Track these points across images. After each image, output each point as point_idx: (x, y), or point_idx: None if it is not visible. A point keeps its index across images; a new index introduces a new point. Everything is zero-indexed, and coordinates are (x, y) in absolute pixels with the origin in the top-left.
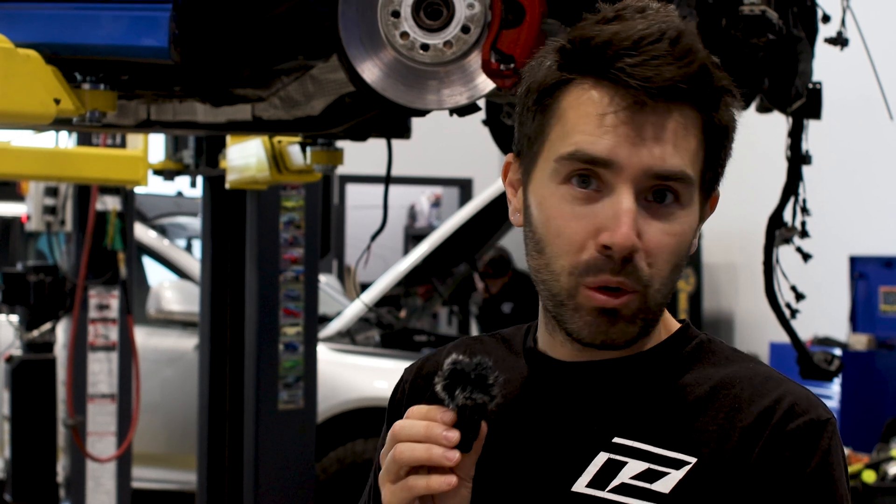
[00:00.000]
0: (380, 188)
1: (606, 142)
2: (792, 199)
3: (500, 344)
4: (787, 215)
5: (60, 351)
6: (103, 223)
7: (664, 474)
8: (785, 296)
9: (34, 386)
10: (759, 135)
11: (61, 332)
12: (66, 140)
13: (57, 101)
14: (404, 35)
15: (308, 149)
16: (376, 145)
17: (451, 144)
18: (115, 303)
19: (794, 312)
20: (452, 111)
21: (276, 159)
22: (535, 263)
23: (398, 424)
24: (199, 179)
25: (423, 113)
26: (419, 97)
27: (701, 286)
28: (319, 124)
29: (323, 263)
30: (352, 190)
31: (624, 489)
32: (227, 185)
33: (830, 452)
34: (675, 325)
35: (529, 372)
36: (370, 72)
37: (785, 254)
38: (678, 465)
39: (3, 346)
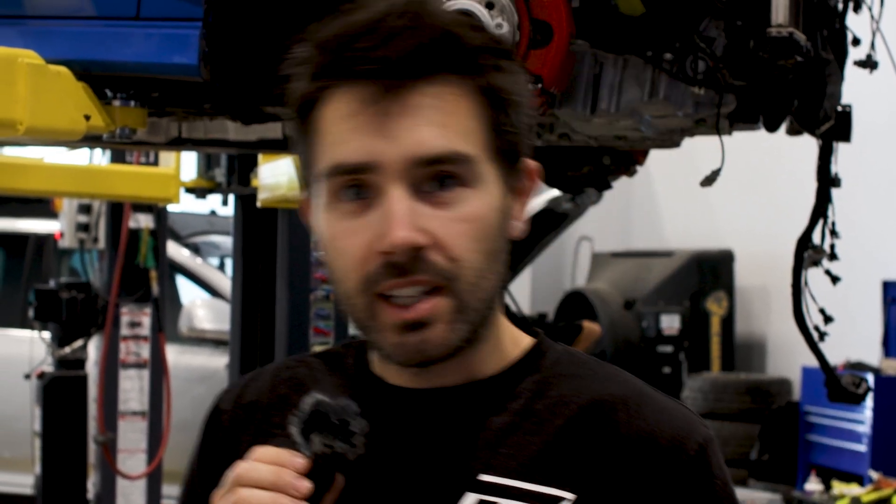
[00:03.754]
0: None
1: (357, 144)
2: (821, 222)
3: (326, 366)
4: (817, 238)
5: (92, 368)
6: (136, 241)
7: None
8: (814, 318)
9: (65, 402)
10: (788, 157)
11: (93, 349)
12: (99, 157)
13: (87, 118)
14: None
15: None
16: None
17: None
18: (146, 320)
19: (822, 335)
20: None
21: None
22: (336, 293)
23: (243, 467)
24: (231, 198)
25: None
26: None
27: (733, 310)
28: None
29: None
30: None
31: None
32: (259, 204)
33: (722, 473)
34: (527, 339)
35: (368, 401)
36: None
37: (818, 278)
38: (555, 501)
39: (35, 363)
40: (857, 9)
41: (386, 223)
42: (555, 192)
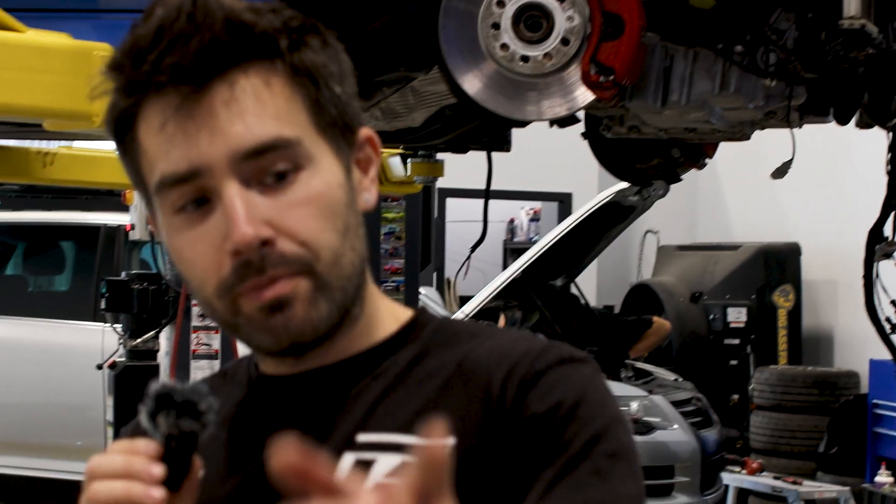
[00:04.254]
0: (478, 203)
1: (178, 154)
2: (892, 215)
3: (223, 379)
4: (888, 230)
5: (163, 359)
6: None
7: None
8: (885, 311)
9: (137, 392)
10: (856, 150)
11: (164, 340)
12: None
13: None
14: (504, 47)
15: (409, 160)
16: (476, 160)
17: (551, 159)
18: None
19: (894, 327)
20: (552, 122)
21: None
22: (198, 304)
23: (95, 460)
24: None
25: (523, 124)
26: (519, 108)
27: (800, 303)
28: (420, 136)
29: (423, 275)
30: (451, 204)
31: None
32: None
33: (586, 389)
34: (407, 315)
35: (247, 393)
36: (471, 83)
37: (888, 270)
38: None
39: (108, 354)
40: None
41: (227, 223)
42: (622, 186)
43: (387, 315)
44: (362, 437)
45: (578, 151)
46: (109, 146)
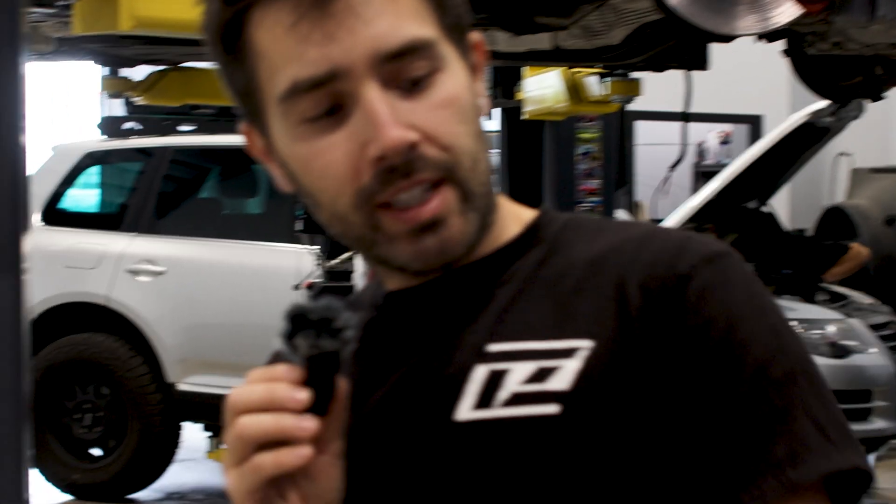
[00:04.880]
0: (667, 125)
1: (313, 55)
2: None
3: (353, 305)
4: None
5: (359, 280)
6: None
7: (557, 369)
8: None
9: None
10: None
11: (359, 261)
12: None
13: None
14: None
15: (606, 79)
16: (665, 81)
17: (741, 80)
18: None
19: None
20: (759, 37)
21: (574, 90)
22: (325, 220)
23: (234, 393)
24: (496, 111)
25: (726, 40)
26: (727, 23)
27: None
28: (619, 54)
29: (618, 197)
30: (640, 127)
31: (516, 399)
32: (525, 117)
33: (731, 284)
34: (531, 215)
35: (374, 314)
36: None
37: None
38: (570, 353)
39: (303, 275)
40: None
41: (370, 127)
42: (815, 107)
43: (510, 216)
44: (493, 347)
45: (770, 72)
46: None
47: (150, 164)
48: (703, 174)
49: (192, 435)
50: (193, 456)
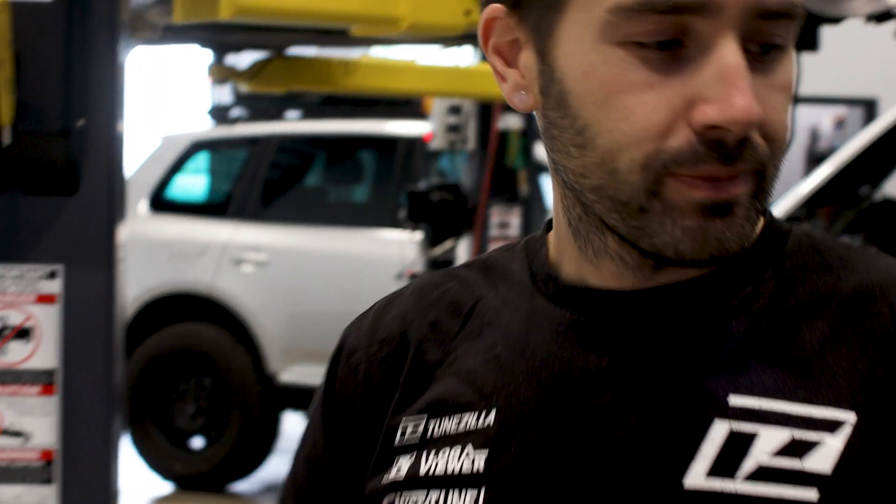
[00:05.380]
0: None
1: None
2: None
3: (485, 277)
4: None
5: None
6: (505, 142)
7: (817, 444)
8: None
9: None
10: None
11: (463, 249)
12: (470, 58)
13: (467, 13)
14: None
15: None
16: None
17: (855, 62)
18: (515, 221)
19: None
20: (868, 18)
21: None
22: (576, 164)
23: None
24: None
25: (836, 21)
26: (834, 4)
27: None
28: None
29: None
30: None
31: (764, 474)
32: None
33: None
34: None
35: (571, 315)
36: None
37: None
38: (832, 427)
39: (406, 264)
40: None
41: (719, 86)
42: None
43: None
44: (736, 400)
45: (885, 53)
46: (408, 54)
47: (256, 151)
48: (816, 158)
49: (293, 426)
50: (294, 447)
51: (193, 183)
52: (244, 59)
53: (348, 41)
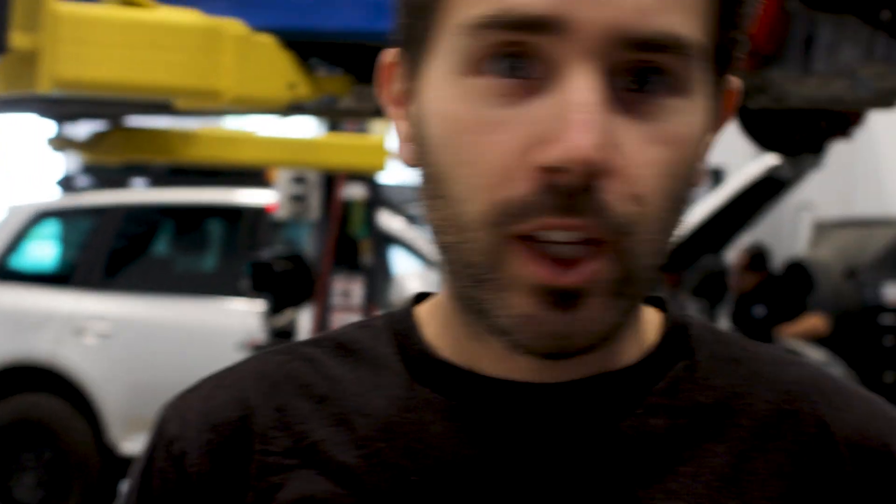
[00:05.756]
0: None
1: None
2: None
3: (343, 358)
4: None
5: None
6: (348, 212)
7: None
8: None
9: None
10: None
11: (305, 319)
12: (313, 129)
13: (292, 87)
14: None
15: None
16: None
17: None
18: (358, 290)
19: None
20: None
21: None
22: (435, 217)
23: None
24: None
25: None
26: None
27: None
28: None
29: None
30: None
31: None
32: None
33: None
34: (650, 311)
35: (465, 409)
36: None
37: None
38: None
39: (250, 334)
40: None
41: (563, 120)
42: (776, 159)
43: (644, 313)
44: None
45: (730, 123)
46: (250, 125)
47: (103, 220)
48: None
49: None
50: None
51: (39, 252)
52: (85, 129)
53: (190, 112)
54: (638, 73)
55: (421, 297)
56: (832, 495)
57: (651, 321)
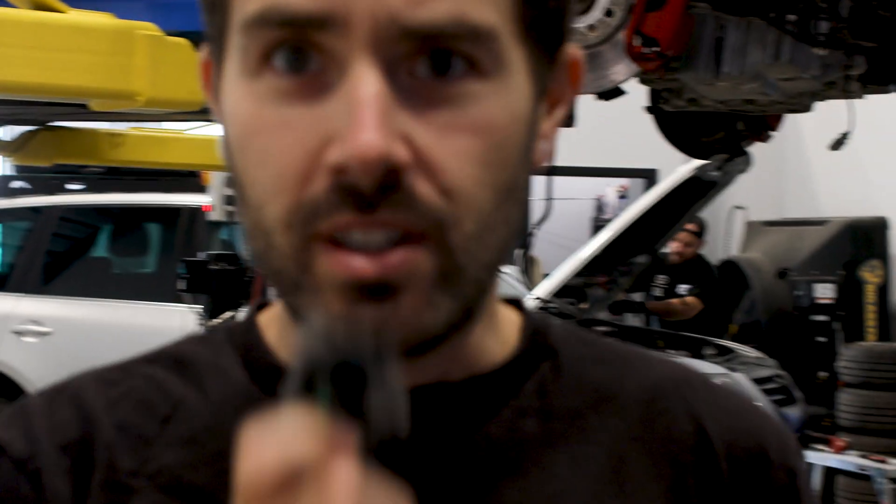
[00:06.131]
0: (568, 180)
1: None
2: None
3: (179, 374)
4: None
5: None
6: None
7: None
8: None
9: None
10: None
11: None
12: None
13: None
14: None
15: None
16: (563, 137)
17: (639, 135)
18: None
19: None
20: (598, 96)
21: None
22: (244, 223)
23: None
24: None
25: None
26: None
27: (889, 278)
28: None
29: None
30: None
31: None
32: None
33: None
34: (508, 310)
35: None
36: None
37: None
38: None
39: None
40: None
41: (346, 118)
42: (704, 160)
43: (500, 311)
44: None
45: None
46: (179, 126)
47: (38, 223)
48: (601, 228)
49: None
50: None
51: None
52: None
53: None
54: (435, 59)
55: (263, 306)
56: (711, 496)
57: (510, 322)
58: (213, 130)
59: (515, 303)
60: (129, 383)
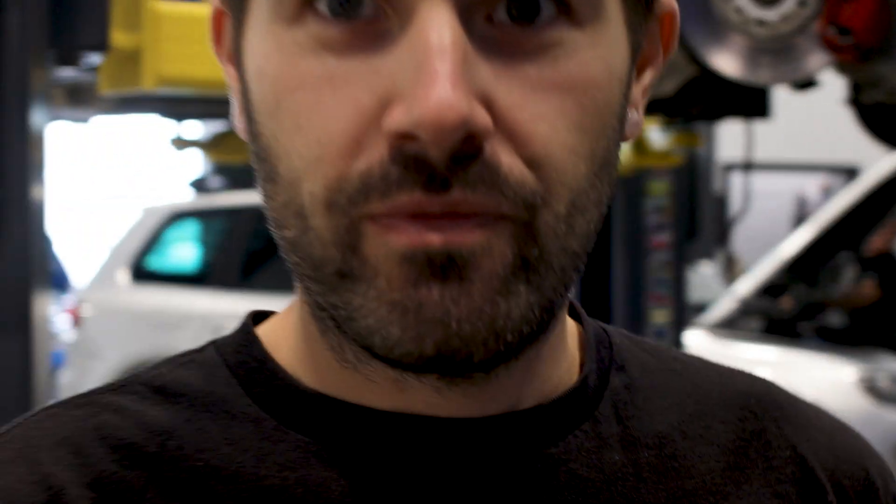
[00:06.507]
0: (770, 177)
1: None
2: None
3: (161, 404)
4: None
5: None
6: None
7: None
8: None
9: None
10: None
11: None
12: None
13: None
14: (738, 11)
15: (667, 131)
16: (762, 132)
17: (841, 129)
18: None
19: None
20: (792, 86)
21: (637, 144)
22: (272, 208)
23: None
24: None
25: (760, 88)
26: (753, 72)
27: None
28: (672, 106)
29: (696, 249)
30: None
31: None
32: None
33: None
34: (572, 324)
35: (347, 453)
36: (706, 49)
37: None
38: None
39: None
40: None
41: (413, 73)
42: None
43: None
44: None
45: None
46: None
47: (237, 220)
48: (802, 225)
49: None
50: None
51: (176, 253)
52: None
53: None
54: (519, 1)
55: (258, 318)
56: None
57: (570, 330)
58: None
59: (575, 309)
60: (96, 420)
